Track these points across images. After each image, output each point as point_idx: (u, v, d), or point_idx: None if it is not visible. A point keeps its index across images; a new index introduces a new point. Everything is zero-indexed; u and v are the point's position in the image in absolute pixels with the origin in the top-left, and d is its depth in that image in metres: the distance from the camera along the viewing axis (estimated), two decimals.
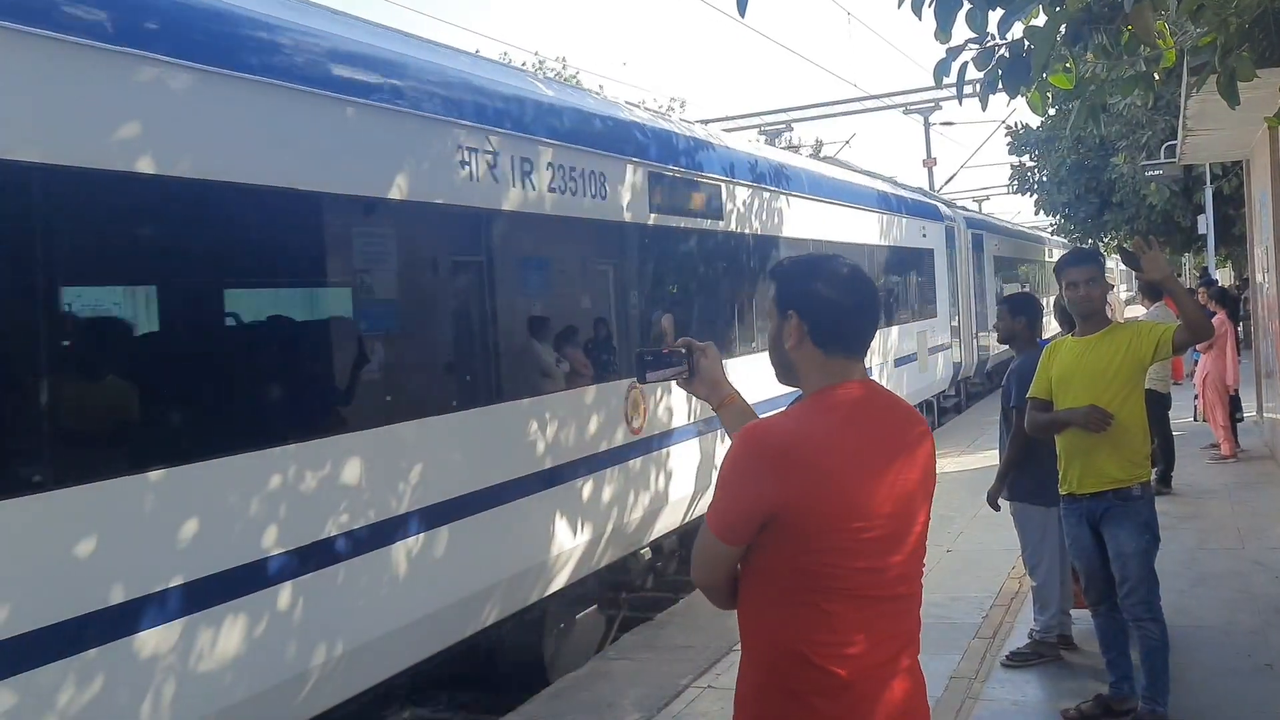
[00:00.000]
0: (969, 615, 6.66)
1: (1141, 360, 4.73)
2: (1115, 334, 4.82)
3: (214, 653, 3.99)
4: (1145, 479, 4.80)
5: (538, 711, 5.77)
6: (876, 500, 2.23)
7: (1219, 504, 9.27)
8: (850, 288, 2.38)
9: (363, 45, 5.14)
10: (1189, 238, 23.52)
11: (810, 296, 2.36)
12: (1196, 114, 9.28)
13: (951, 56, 5.22)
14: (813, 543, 2.19)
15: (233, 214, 4.29)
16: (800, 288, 2.38)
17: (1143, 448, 4.79)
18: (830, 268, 2.41)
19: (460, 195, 5.51)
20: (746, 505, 2.21)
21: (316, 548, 4.45)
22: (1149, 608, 4.76)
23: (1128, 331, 4.83)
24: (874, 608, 2.26)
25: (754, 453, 2.22)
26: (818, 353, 2.34)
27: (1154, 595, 4.79)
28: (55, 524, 3.55)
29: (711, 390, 2.66)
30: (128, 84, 3.88)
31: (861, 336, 2.38)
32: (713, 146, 8.80)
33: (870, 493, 2.23)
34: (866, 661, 2.23)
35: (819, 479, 2.17)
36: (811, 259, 2.46)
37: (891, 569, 2.28)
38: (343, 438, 4.68)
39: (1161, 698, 4.72)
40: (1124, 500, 4.76)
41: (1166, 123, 16.77)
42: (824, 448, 2.21)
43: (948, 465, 12.14)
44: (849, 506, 2.20)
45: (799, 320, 2.34)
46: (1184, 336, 4.70)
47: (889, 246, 13.62)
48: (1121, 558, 4.78)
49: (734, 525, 2.24)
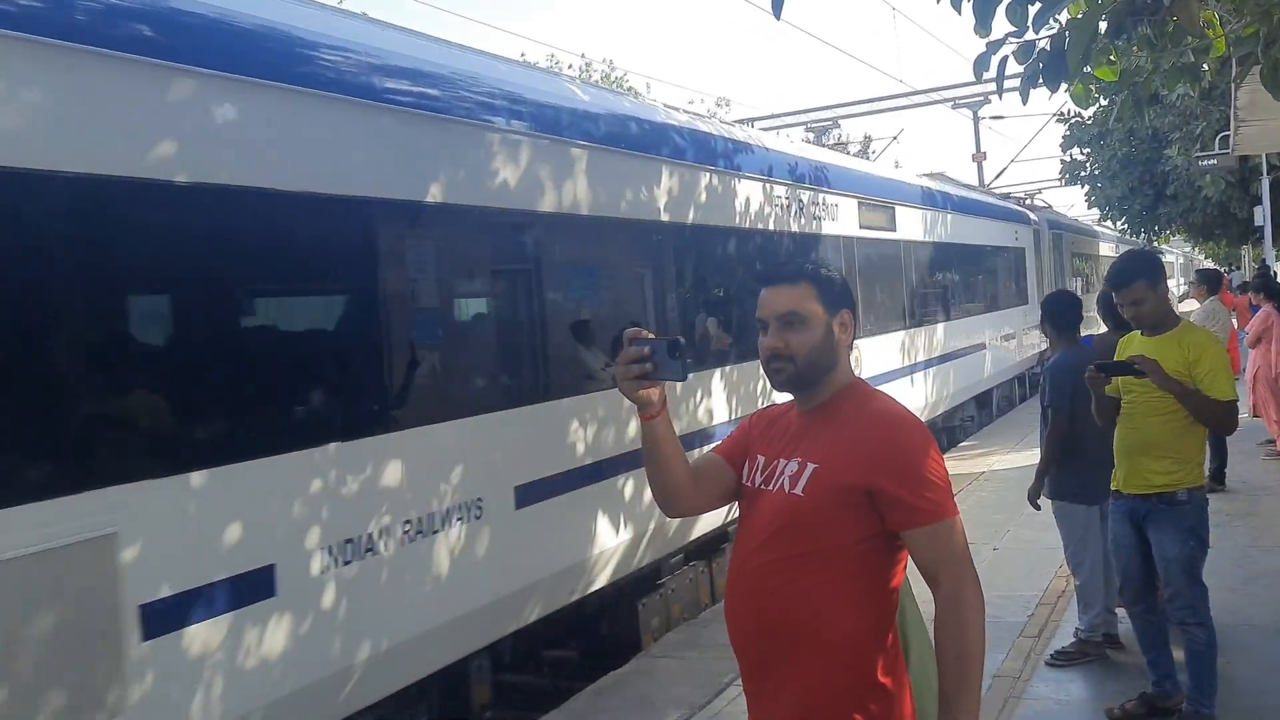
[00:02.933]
0: (1015, 614, 6.61)
1: (1192, 378, 4.56)
2: (1184, 339, 4.62)
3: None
4: (1194, 485, 4.68)
5: (581, 708, 5.81)
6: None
7: (1273, 501, 9.10)
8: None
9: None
10: (1246, 230, 23.05)
11: (852, 298, 2.51)
12: (1247, 104, 9.12)
13: (991, 50, 5.18)
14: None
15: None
16: (847, 288, 2.50)
17: (1194, 454, 4.68)
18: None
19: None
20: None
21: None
22: (1194, 612, 4.67)
23: (1195, 345, 4.58)
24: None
25: (929, 434, 2.40)
26: (849, 351, 2.51)
27: (1200, 601, 4.70)
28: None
29: (659, 397, 2.45)
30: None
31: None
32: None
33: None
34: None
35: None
36: (826, 262, 2.65)
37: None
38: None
39: (1208, 700, 4.66)
40: (1169, 505, 4.67)
41: (1220, 113, 16.45)
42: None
43: (996, 464, 12.03)
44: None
45: (851, 318, 2.47)
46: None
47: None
48: (1165, 561, 4.72)
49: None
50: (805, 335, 2.39)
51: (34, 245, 3.45)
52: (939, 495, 2.26)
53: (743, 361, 7.72)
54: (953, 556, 2.25)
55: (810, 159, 9.87)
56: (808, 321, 2.39)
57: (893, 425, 2.33)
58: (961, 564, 2.27)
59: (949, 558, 2.25)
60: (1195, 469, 4.71)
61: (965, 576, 2.26)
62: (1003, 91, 5.51)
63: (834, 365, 2.42)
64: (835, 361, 2.42)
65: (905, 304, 11.99)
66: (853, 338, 2.47)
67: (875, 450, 2.28)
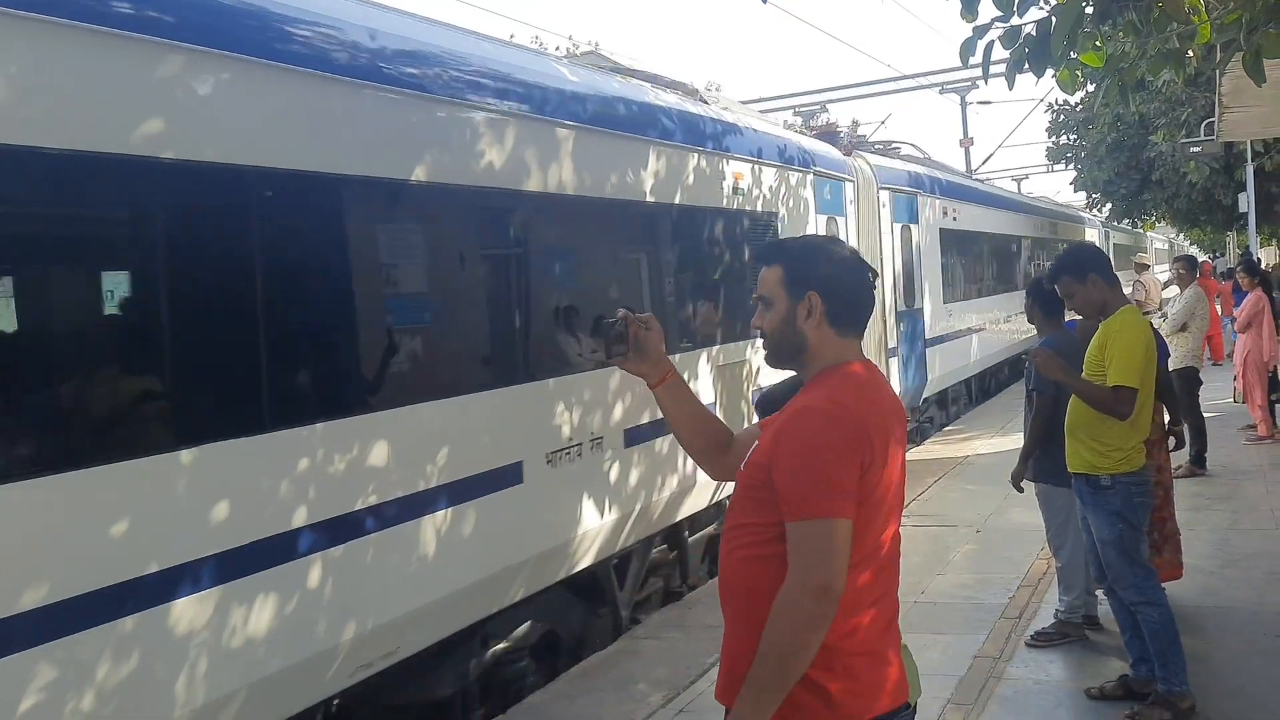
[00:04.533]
0: (996, 596, 6.67)
1: (1101, 370, 4.75)
2: (1106, 326, 4.82)
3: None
4: (1119, 471, 4.76)
5: (566, 689, 5.85)
6: (896, 470, 2.37)
7: (1254, 485, 9.19)
8: (860, 269, 2.48)
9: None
10: (1230, 216, 23.14)
11: (829, 278, 2.43)
12: (1232, 91, 9.16)
13: (977, 35, 5.19)
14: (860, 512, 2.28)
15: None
16: (818, 269, 2.44)
17: (1120, 440, 4.74)
18: (839, 250, 2.51)
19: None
20: (846, 471, 2.22)
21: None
22: (1139, 591, 4.77)
23: (1107, 332, 4.79)
24: (884, 573, 2.37)
25: (836, 419, 2.26)
26: (831, 332, 2.42)
27: (1143, 580, 4.78)
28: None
29: (653, 367, 2.65)
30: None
31: (867, 317, 2.50)
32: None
33: (895, 462, 2.36)
34: (876, 628, 2.33)
35: (879, 448, 2.28)
36: (816, 241, 2.56)
37: (892, 534, 2.40)
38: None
39: (1176, 678, 4.72)
40: (1094, 488, 4.82)
41: (1206, 99, 16.50)
42: (874, 418, 2.31)
43: (980, 447, 12.10)
44: (887, 476, 2.32)
45: (820, 300, 2.41)
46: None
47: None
48: (1100, 544, 4.87)
49: (848, 496, 2.22)
50: (770, 316, 2.46)
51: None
52: (808, 493, 2.21)
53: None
54: (802, 558, 2.19)
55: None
56: (773, 303, 2.45)
57: (799, 415, 2.31)
58: (808, 570, 2.18)
59: (798, 558, 2.20)
60: (1124, 455, 4.75)
61: (806, 584, 2.16)
62: (989, 76, 5.52)
63: (801, 348, 2.42)
64: (802, 344, 2.42)
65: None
66: (828, 319, 2.40)
67: (777, 437, 2.32)
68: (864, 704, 2.28)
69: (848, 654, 2.26)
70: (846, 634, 2.25)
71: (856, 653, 2.27)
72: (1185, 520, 7.06)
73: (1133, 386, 4.63)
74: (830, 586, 2.16)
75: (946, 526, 8.56)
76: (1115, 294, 4.94)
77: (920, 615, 6.33)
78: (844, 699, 2.25)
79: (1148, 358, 4.72)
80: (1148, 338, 4.77)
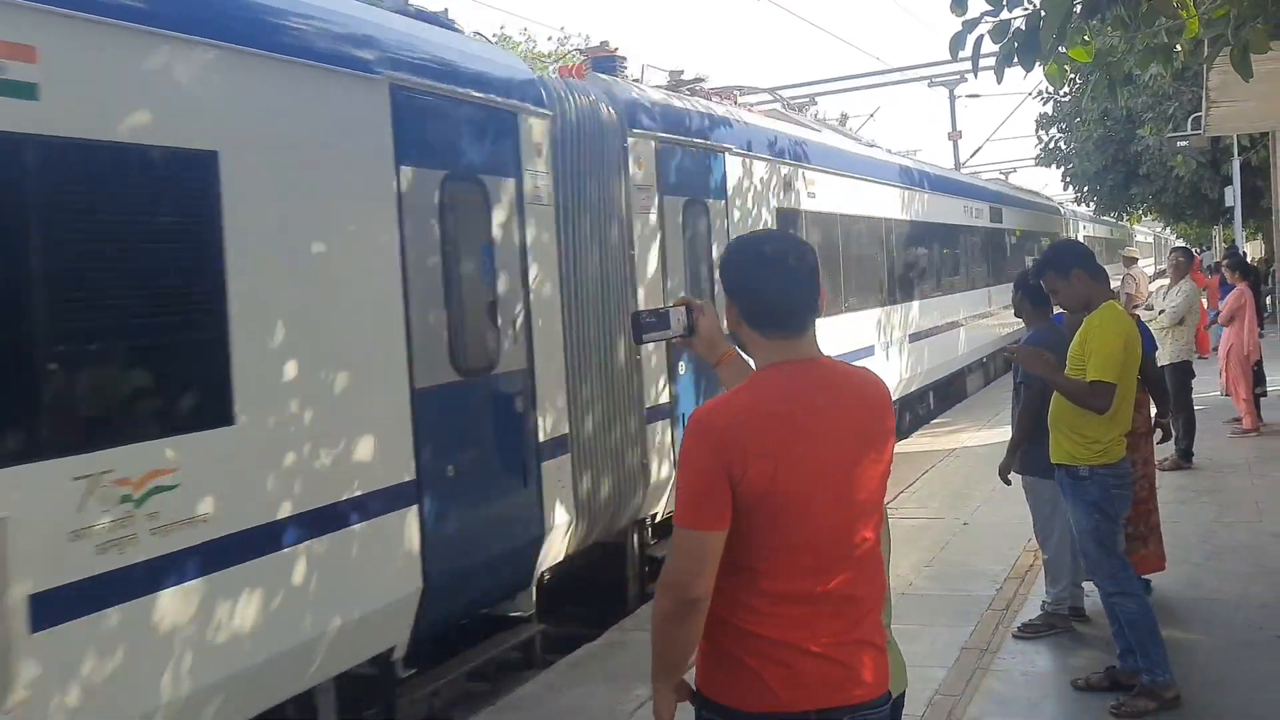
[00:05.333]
0: (983, 588, 6.71)
1: (1083, 365, 4.80)
2: (1088, 322, 4.87)
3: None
4: (1099, 463, 4.81)
5: (556, 680, 5.86)
6: (813, 472, 2.29)
7: (1239, 478, 9.25)
8: (775, 269, 2.40)
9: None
10: (1216, 210, 23.27)
11: (740, 281, 2.44)
12: (1219, 85, 9.20)
13: (967, 29, 5.21)
14: (751, 516, 2.27)
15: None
16: (732, 272, 2.46)
17: (1099, 433, 4.79)
18: (758, 249, 2.45)
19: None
20: (709, 483, 2.25)
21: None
22: (1114, 582, 4.84)
23: (1087, 327, 4.84)
24: (823, 572, 2.32)
25: (698, 433, 2.29)
26: (755, 334, 2.42)
27: (1118, 570, 4.85)
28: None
29: (709, 348, 2.75)
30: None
31: (792, 316, 2.40)
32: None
33: (808, 465, 2.29)
34: (816, 624, 2.33)
35: (755, 454, 2.24)
36: (749, 241, 2.50)
37: (839, 536, 2.34)
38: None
39: (1158, 668, 4.76)
40: (1072, 479, 4.90)
41: (1193, 94, 16.57)
42: (756, 422, 2.28)
43: (967, 440, 12.15)
44: (793, 478, 2.26)
45: (732, 304, 2.44)
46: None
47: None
48: (1078, 534, 4.97)
49: (708, 508, 2.26)
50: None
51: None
52: (677, 501, 2.31)
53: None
54: (668, 559, 2.30)
55: None
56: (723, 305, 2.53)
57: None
58: (667, 571, 2.28)
59: (667, 558, 2.31)
60: (1103, 447, 4.81)
61: (664, 582, 2.28)
62: (978, 70, 5.54)
63: (746, 350, 2.48)
64: (744, 346, 2.48)
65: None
66: (747, 322, 2.41)
67: None
68: (808, 695, 2.29)
69: (784, 645, 2.28)
70: (778, 626, 2.28)
71: (789, 644, 2.28)
72: (1171, 513, 7.12)
73: (1110, 382, 4.69)
74: (683, 587, 2.25)
75: (935, 519, 8.60)
76: (1099, 289, 5.00)
77: (908, 607, 6.34)
78: (782, 689, 2.28)
79: (1127, 352, 4.77)
80: (1127, 333, 4.82)
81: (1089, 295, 4.94)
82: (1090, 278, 4.99)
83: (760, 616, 2.29)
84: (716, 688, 2.34)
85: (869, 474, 2.38)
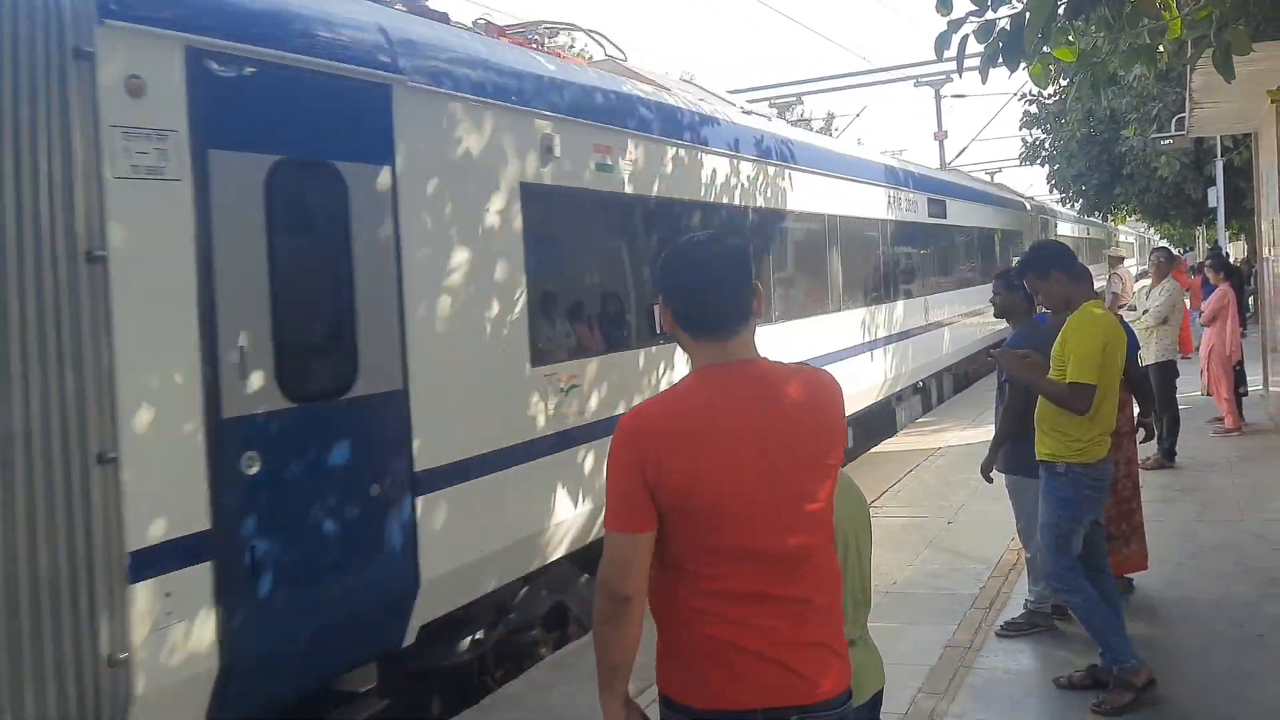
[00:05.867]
0: (967, 586, 6.73)
1: (1063, 366, 4.84)
2: (1065, 326, 4.92)
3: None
4: (1077, 461, 4.85)
5: (541, 678, 5.86)
6: (738, 476, 2.28)
7: (1220, 477, 9.31)
8: (700, 271, 2.38)
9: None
10: (1200, 210, 23.39)
11: (671, 283, 2.43)
12: (1202, 87, 9.24)
13: (952, 29, 5.23)
14: (675, 519, 2.28)
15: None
16: (665, 274, 2.44)
17: (1079, 432, 4.83)
18: (685, 253, 2.43)
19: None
20: (627, 487, 2.28)
21: None
22: (1062, 580, 4.91)
23: (1067, 328, 4.89)
24: (759, 574, 2.31)
25: (619, 437, 2.31)
26: (687, 337, 2.41)
27: (1066, 570, 4.90)
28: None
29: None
30: None
31: (720, 316, 2.37)
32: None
33: (731, 468, 2.28)
34: (759, 626, 2.32)
35: (670, 457, 2.25)
36: (685, 241, 2.46)
37: (772, 539, 2.32)
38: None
39: (1122, 655, 4.82)
40: (1050, 474, 4.97)
41: (1177, 95, 16.66)
42: (674, 425, 2.29)
43: (951, 439, 12.19)
44: (707, 482, 2.26)
45: (665, 307, 2.43)
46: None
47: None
48: (1040, 527, 5.06)
49: (631, 511, 2.28)
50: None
51: None
52: (605, 505, 2.33)
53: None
54: (601, 560, 2.33)
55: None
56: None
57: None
58: (600, 571, 2.33)
59: (601, 558, 2.35)
60: (1082, 446, 4.85)
61: (598, 581, 2.34)
62: (963, 70, 5.56)
63: (684, 350, 2.46)
64: (682, 347, 2.45)
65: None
66: (678, 324, 2.40)
67: None
68: (750, 694, 2.30)
69: (725, 644, 2.30)
70: (720, 626, 2.30)
71: (730, 643, 2.30)
72: (1153, 512, 7.15)
73: (1089, 383, 4.73)
74: (613, 586, 2.28)
75: (919, 517, 8.62)
76: (1080, 289, 5.03)
77: (892, 605, 6.38)
78: (724, 687, 2.30)
79: (1106, 353, 4.79)
80: (1107, 332, 4.85)
81: (1068, 296, 4.99)
82: (1069, 278, 5.02)
83: (704, 616, 2.31)
84: (670, 684, 2.38)
85: (806, 477, 2.36)
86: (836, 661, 2.39)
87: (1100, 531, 5.17)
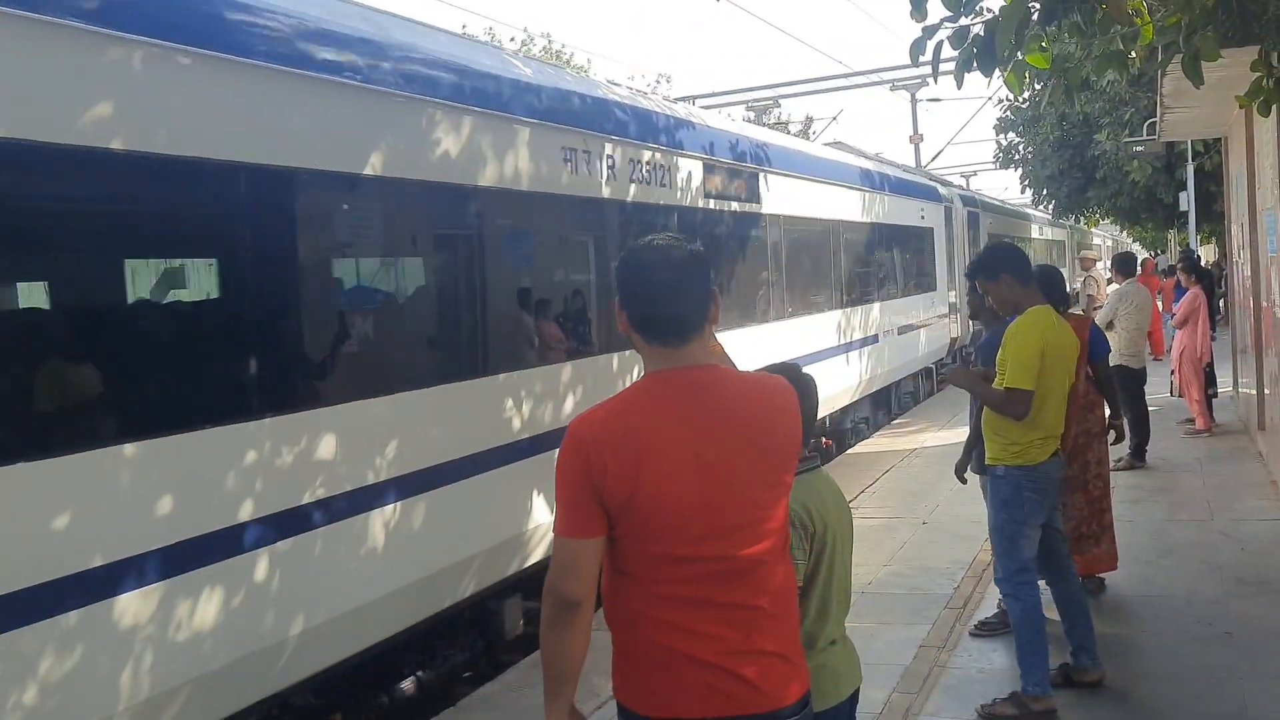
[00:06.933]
0: (940, 586, 6.78)
1: (1002, 369, 4.85)
2: (1007, 331, 4.88)
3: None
4: (1015, 463, 4.85)
5: (517, 679, 5.86)
6: (683, 483, 2.26)
7: (1190, 477, 9.42)
8: (654, 275, 2.34)
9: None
10: (1172, 214, 23.64)
11: (625, 288, 2.39)
12: (1173, 92, 9.35)
13: (927, 35, 5.26)
14: (622, 524, 2.28)
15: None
16: (619, 278, 2.41)
17: (1016, 436, 4.83)
18: (641, 257, 2.38)
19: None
20: (574, 493, 2.27)
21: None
22: (1009, 584, 4.90)
23: (1007, 339, 4.85)
24: (707, 583, 2.30)
25: (566, 443, 2.30)
26: (640, 341, 2.38)
27: (1013, 574, 4.88)
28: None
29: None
30: None
31: (671, 323, 2.34)
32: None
33: (675, 475, 2.26)
34: (708, 637, 2.31)
35: (616, 463, 2.24)
36: (638, 245, 2.41)
37: (716, 547, 2.30)
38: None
39: (1032, 678, 4.78)
40: (992, 477, 5.02)
41: (1149, 99, 16.84)
42: (620, 430, 2.27)
43: (927, 440, 12.27)
44: (651, 488, 2.24)
45: (621, 310, 2.39)
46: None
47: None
48: (990, 530, 5.13)
49: (577, 517, 2.27)
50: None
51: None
52: (555, 509, 2.33)
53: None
54: (550, 565, 2.33)
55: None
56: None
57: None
58: (548, 575, 2.31)
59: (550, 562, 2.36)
60: (1020, 449, 4.84)
61: (545, 587, 2.32)
62: (938, 75, 5.61)
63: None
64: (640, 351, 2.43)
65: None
66: (634, 327, 2.37)
67: None
68: (695, 703, 2.29)
69: (672, 651, 2.30)
70: (667, 633, 2.30)
71: (676, 651, 2.29)
72: (1123, 512, 7.24)
73: (1024, 388, 4.69)
74: (559, 593, 2.28)
75: (894, 518, 8.68)
76: (1028, 293, 4.93)
77: (867, 605, 6.42)
78: (671, 695, 2.30)
79: (1046, 357, 4.72)
80: (1045, 337, 4.75)
81: (1016, 300, 4.94)
82: (1019, 282, 4.94)
83: (652, 621, 2.30)
84: (624, 691, 2.39)
85: (752, 484, 2.32)
86: (788, 670, 2.37)
87: (1058, 536, 5.14)
